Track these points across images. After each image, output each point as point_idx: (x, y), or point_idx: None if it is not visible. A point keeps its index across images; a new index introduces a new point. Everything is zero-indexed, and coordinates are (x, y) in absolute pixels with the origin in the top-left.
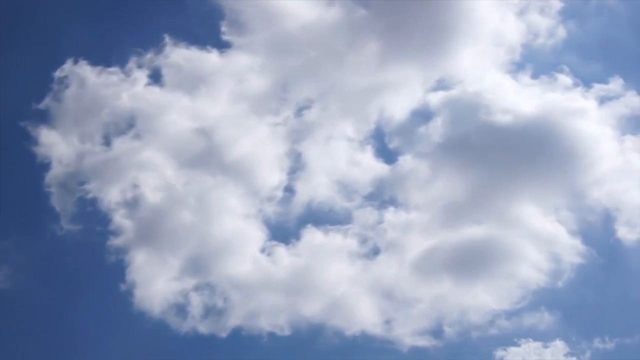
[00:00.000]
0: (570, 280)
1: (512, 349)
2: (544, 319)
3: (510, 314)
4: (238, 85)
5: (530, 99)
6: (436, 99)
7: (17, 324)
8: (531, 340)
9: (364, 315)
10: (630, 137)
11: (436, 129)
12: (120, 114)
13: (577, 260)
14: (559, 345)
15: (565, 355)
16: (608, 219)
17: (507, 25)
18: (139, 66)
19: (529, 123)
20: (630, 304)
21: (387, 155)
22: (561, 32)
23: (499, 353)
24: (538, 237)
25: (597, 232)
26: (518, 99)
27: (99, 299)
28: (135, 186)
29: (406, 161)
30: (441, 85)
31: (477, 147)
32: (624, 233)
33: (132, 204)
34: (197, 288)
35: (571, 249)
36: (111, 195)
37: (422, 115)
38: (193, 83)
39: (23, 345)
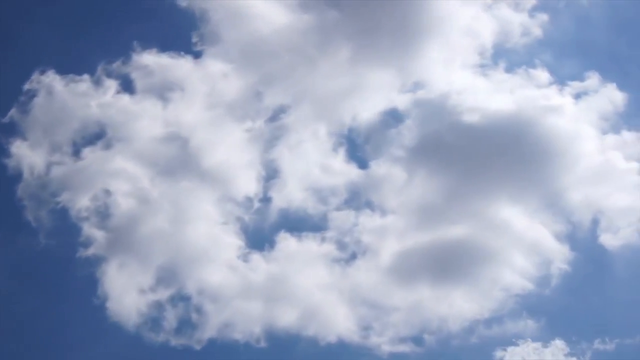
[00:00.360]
0: (552, 284)
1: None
2: (528, 325)
3: (491, 320)
4: (211, 91)
5: (505, 97)
6: (410, 100)
7: None
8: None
9: (341, 323)
10: (611, 136)
11: (410, 131)
12: (91, 123)
13: (559, 264)
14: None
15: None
16: (589, 222)
17: (480, 23)
18: (109, 74)
19: (505, 122)
20: (614, 310)
21: (361, 159)
22: (534, 29)
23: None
24: (517, 240)
25: (579, 235)
26: (492, 98)
27: (71, 312)
28: (108, 196)
29: (381, 164)
30: (415, 86)
31: (452, 148)
32: (606, 237)
33: (105, 214)
34: (171, 299)
35: (552, 252)
36: (84, 206)
37: (396, 117)
38: (165, 90)
39: None
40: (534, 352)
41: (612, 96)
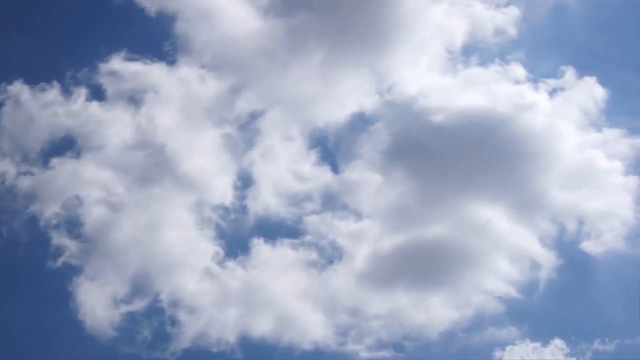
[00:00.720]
0: (534, 289)
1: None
2: (511, 332)
3: (472, 326)
4: (184, 97)
5: (480, 95)
6: (383, 102)
7: None
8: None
9: (318, 330)
10: (592, 134)
11: (385, 133)
12: (61, 132)
13: (540, 268)
14: None
15: None
16: (570, 224)
17: (452, 21)
18: (78, 83)
19: (480, 121)
20: (595, 316)
21: (336, 163)
22: (508, 24)
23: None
24: (497, 243)
25: (560, 238)
26: (466, 97)
27: (44, 324)
28: (80, 205)
29: (356, 168)
30: (388, 87)
31: (427, 149)
32: (588, 244)
33: (77, 224)
34: (145, 309)
35: (533, 256)
36: (55, 216)
37: (370, 120)
38: (136, 97)
39: None
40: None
41: (592, 93)
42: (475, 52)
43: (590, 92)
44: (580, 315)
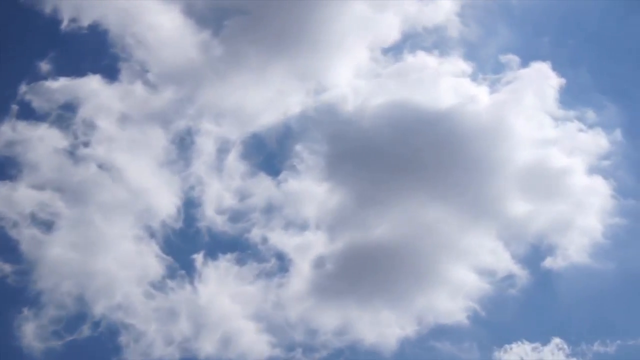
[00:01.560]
0: (487, 301)
1: None
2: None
3: (424, 338)
4: (120, 111)
5: (420, 91)
6: (320, 106)
7: None
8: None
9: (264, 348)
10: (547, 129)
11: (325, 138)
12: None
13: (494, 275)
14: None
15: None
16: (526, 229)
17: (386, 18)
18: (6, 101)
19: (423, 117)
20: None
21: (277, 172)
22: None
23: None
24: (448, 249)
25: (513, 241)
26: (406, 94)
27: None
28: (14, 227)
29: (299, 176)
30: (325, 90)
31: (368, 150)
32: (550, 261)
33: (12, 246)
34: (86, 334)
35: (487, 265)
36: None
37: (308, 125)
38: (69, 113)
39: None
40: None
41: (543, 83)
42: (412, 46)
43: (542, 82)
44: (536, 328)
